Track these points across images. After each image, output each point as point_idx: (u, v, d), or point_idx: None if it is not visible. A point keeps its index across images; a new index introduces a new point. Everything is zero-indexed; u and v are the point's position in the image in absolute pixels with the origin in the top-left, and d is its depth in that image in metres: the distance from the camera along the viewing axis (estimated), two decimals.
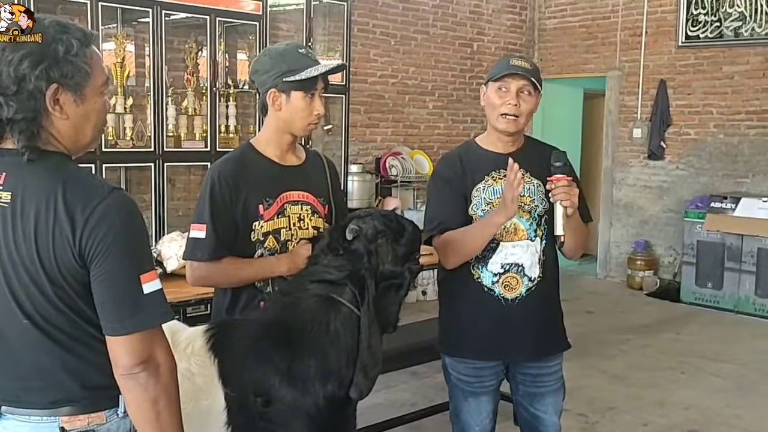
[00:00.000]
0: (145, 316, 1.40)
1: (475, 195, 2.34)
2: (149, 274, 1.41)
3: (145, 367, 1.40)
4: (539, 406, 2.47)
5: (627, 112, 7.70)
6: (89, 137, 1.50)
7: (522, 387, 2.49)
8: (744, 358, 5.26)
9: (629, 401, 4.36)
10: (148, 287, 1.40)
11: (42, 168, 1.41)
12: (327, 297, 1.89)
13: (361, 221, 1.95)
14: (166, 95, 4.96)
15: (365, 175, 6.43)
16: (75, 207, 1.37)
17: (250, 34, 5.51)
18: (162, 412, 1.42)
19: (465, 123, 7.69)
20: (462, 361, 2.43)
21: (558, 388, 2.48)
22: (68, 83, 1.41)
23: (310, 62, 2.12)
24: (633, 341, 5.54)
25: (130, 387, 1.41)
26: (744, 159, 6.97)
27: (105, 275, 1.38)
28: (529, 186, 2.33)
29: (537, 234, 2.35)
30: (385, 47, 6.89)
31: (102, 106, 1.50)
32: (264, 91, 2.14)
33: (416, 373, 4.57)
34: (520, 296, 2.33)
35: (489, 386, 2.45)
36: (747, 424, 4.07)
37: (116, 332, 1.39)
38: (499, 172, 2.33)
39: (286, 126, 2.16)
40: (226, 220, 2.09)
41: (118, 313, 1.39)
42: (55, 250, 1.37)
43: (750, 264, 6.40)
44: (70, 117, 1.43)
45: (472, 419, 2.45)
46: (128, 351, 1.39)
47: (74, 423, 1.45)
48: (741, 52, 6.90)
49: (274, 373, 1.82)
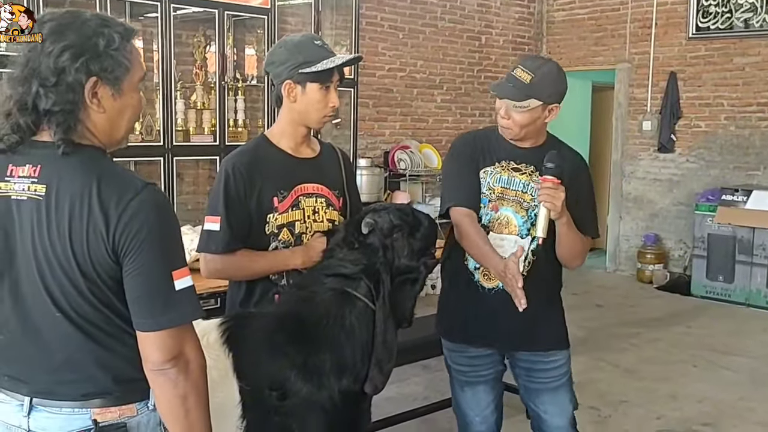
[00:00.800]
0: (176, 313, 1.40)
1: (482, 176, 2.34)
2: (181, 270, 1.41)
3: (176, 363, 1.39)
4: (539, 403, 2.44)
5: (636, 105, 7.65)
6: (123, 132, 1.50)
7: (520, 380, 2.50)
8: (756, 351, 5.23)
9: (641, 395, 4.34)
10: (180, 284, 1.39)
11: (77, 161, 1.40)
12: (342, 291, 1.88)
13: (377, 215, 1.94)
14: (175, 89, 4.96)
15: (374, 169, 6.41)
16: (109, 202, 1.36)
17: (259, 28, 5.50)
18: (191, 410, 1.42)
19: (473, 116, 7.66)
20: (456, 348, 2.44)
21: (557, 387, 2.41)
22: (107, 77, 1.41)
23: (326, 54, 2.11)
24: (644, 335, 5.52)
25: (160, 383, 1.41)
26: (755, 151, 6.92)
27: (137, 271, 1.38)
28: (532, 184, 2.31)
29: (529, 233, 2.31)
30: (393, 41, 6.87)
31: (138, 102, 1.50)
32: (279, 82, 2.12)
33: (428, 366, 4.55)
34: (497, 288, 2.30)
35: (485, 375, 2.43)
36: (760, 417, 4.05)
37: (147, 328, 1.39)
38: (510, 162, 2.34)
39: (300, 118, 2.15)
40: (241, 213, 2.08)
41: (149, 310, 1.39)
42: (89, 246, 1.37)
43: (762, 257, 6.36)
44: (107, 111, 1.43)
45: (471, 410, 2.45)
46: (159, 347, 1.39)
47: (106, 415, 1.45)
48: (752, 43, 6.85)
49: (290, 367, 1.81)
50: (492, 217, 2.32)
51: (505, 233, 2.31)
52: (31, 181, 1.40)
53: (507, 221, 2.31)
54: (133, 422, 1.47)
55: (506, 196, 2.32)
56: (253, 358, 1.83)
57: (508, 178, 2.32)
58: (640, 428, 3.89)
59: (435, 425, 3.87)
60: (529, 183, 2.31)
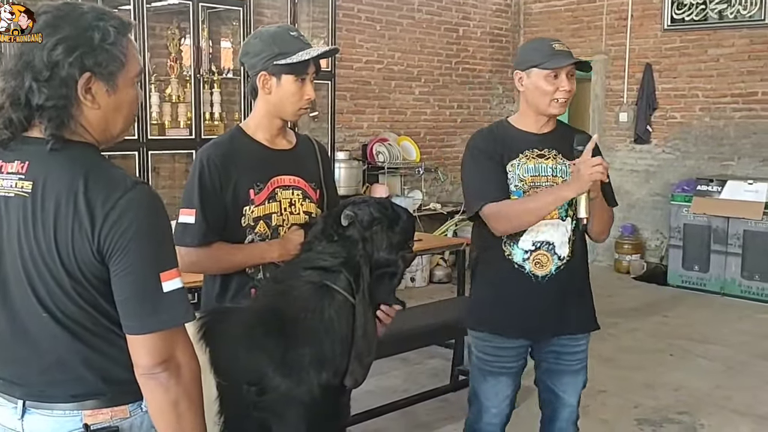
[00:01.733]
0: (165, 316, 1.36)
1: (510, 170, 2.39)
2: (170, 272, 1.37)
3: (166, 367, 1.36)
4: (558, 384, 2.52)
5: (613, 96, 7.70)
6: (119, 128, 1.47)
7: (545, 364, 2.53)
8: (731, 339, 5.30)
9: (619, 384, 4.38)
10: (168, 285, 1.35)
11: (65, 158, 1.36)
12: (321, 284, 1.86)
13: (357, 207, 1.92)
14: (149, 83, 4.90)
15: (352, 162, 6.39)
16: (96, 200, 1.33)
17: (234, 20, 5.45)
18: (183, 415, 1.38)
19: (452, 108, 7.66)
20: (485, 338, 2.47)
21: (579, 369, 2.52)
22: (102, 72, 1.38)
23: (302, 45, 2.08)
24: (621, 325, 5.56)
25: (150, 387, 1.37)
26: (730, 142, 7.00)
27: (124, 272, 1.34)
28: (560, 166, 2.41)
29: (567, 214, 2.40)
30: (371, 32, 6.84)
31: (134, 97, 1.47)
32: (254, 74, 2.09)
33: (407, 359, 4.57)
34: (550, 274, 2.38)
35: (510, 368, 2.48)
36: (736, 405, 4.10)
37: (136, 331, 1.35)
38: (533, 151, 2.40)
39: (276, 110, 2.12)
40: (216, 205, 2.05)
41: (137, 312, 1.35)
42: (74, 245, 1.33)
43: (736, 246, 6.44)
44: (102, 107, 1.40)
45: (489, 400, 2.49)
46: (148, 351, 1.35)
47: (97, 417, 1.42)
48: (726, 34, 6.91)
49: (268, 362, 1.79)
50: None
51: (546, 219, 2.35)
52: (18, 177, 1.36)
53: None
54: (125, 424, 1.44)
55: (538, 183, 2.38)
56: (231, 353, 1.80)
57: (535, 165, 2.39)
58: (617, 417, 3.93)
59: (415, 417, 3.87)
60: (557, 166, 2.40)
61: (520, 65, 2.42)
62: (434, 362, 4.66)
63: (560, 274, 2.38)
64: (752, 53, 6.80)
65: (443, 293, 6.15)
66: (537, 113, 2.41)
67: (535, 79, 2.35)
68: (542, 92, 2.34)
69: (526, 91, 2.39)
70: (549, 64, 2.32)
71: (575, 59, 2.36)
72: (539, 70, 2.34)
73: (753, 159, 6.87)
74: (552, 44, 2.36)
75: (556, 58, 2.32)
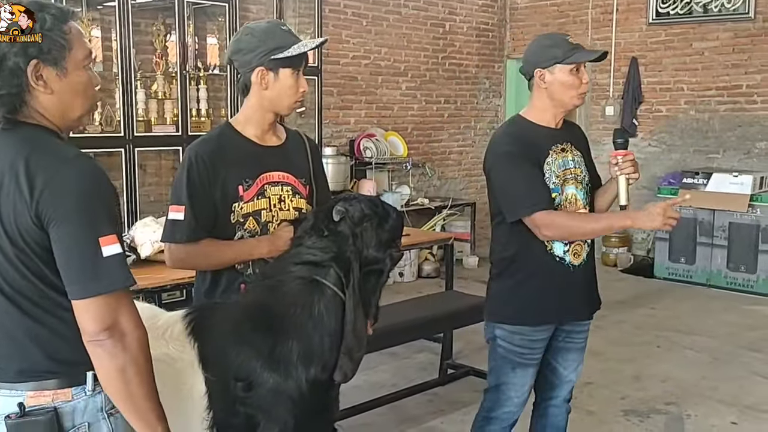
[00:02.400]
0: (106, 280, 1.40)
1: (546, 169, 2.45)
2: (109, 237, 1.41)
3: (111, 334, 1.40)
4: (561, 359, 2.62)
5: (599, 90, 7.73)
6: (79, 111, 1.53)
7: (553, 342, 2.60)
8: (717, 330, 5.35)
9: (607, 376, 4.41)
10: (107, 250, 1.40)
11: (15, 137, 1.44)
12: (311, 279, 1.86)
13: (348, 203, 1.93)
14: (135, 79, 4.88)
15: (340, 157, 6.39)
16: (36, 170, 1.39)
17: (220, 16, 5.43)
18: (131, 381, 1.43)
19: (438, 103, 7.67)
20: (519, 331, 2.51)
21: (583, 347, 2.66)
22: (47, 58, 1.44)
23: (294, 39, 2.09)
24: (609, 317, 5.59)
25: (97, 355, 1.41)
26: (715, 135, 7.05)
27: (62, 237, 1.39)
28: (577, 158, 2.53)
29: (587, 202, 2.54)
30: (357, 28, 6.83)
31: (87, 80, 1.52)
32: (249, 70, 2.08)
33: (395, 354, 4.57)
34: (583, 262, 2.52)
35: (537, 358, 2.57)
36: (722, 395, 4.14)
37: (78, 295, 1.40)
38: (557, 146, 2.49)
39: (271, 105, 2.12)
40: (205, 202, 2.05)
41: (77, 276, 1.39)
42: (16, 213, 1.39)
43: (722, 238, 6.49)
44: (55, 91, 1.46)
45: (514, 391, 2.56)
46: (92, 316, 1.39)
47: (38, 399, 1.45)
48: (711, 28, 6.96)
49: (256, 357, 1.79)
50: (561, 199, 2.47)
51: (575, 207, 2.49)
52: None
53: (574, 199, 2.50)
54: (67, 407, 1.47)
55: (567, 177, 2.49)
56: (219, 348, 1.81)
57: (562, 160, 2.49)
58: (604, 409, 3.95)
59: (403, 412, 3.88)
60: (575, 158, 2.51)
61: (541, 63, 2.43)
62: (423, 356, 4.67)
63: (589, 260, 2.55)
64: (736, 46, 6.85)
65: (432, 288, 6.17)
66: (559, 108, 2.48)
67: (559, 74, 2.41)
68: (568, 86, 2.42)
69: (549, 87, 2.44)
70: (575, 58, 2.39)
71: (599, 51, 2.51)
72: (563, 65, 2.40)
73: (738, 151, 6.93)
74: (567, 39, 2.44)
75: (578, 52, 2.41)
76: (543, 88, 2.44)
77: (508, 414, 2.58)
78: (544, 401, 2.70)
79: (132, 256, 3.25)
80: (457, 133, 7.87)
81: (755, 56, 6.75)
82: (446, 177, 7.82)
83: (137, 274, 1.52)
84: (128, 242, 3.31)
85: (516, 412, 2.60)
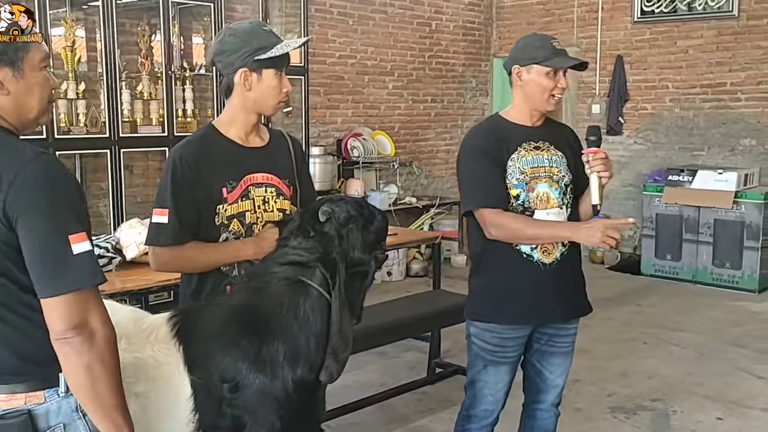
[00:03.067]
0: (74, 277, 1.39)
1: (510, 165, 2.47)
2: (78, 235, 1.41)
3: (79, 332, 1.40)
4: (547, 364, 2.61)
5: (585, 89, 7.76)
6: (35, 111, 1.53)
7: (536, 345, 2.60)
8: (703, 327, 5.39)
9: (593, 373, 4.43)
10: (77, 248, 1.40)
11: None
12: (296, 280, 1.86)
13: (334, 204, 1.94)
14: (120, 80, 4.85)
15: (327, 157, 6.38)
16: (0, 171, 1.39)
17: (205, 15, 5.40)
18: (98, 380, 1.42)
19: (425, 102, 7.68)
20: (491, 329, 2.52)
21: (569, 351, 2.62)
22: (3, 59, 1.45)
23: (276, 39, 2.09)
24: (596, 314, 5.52)
25: (64, 353, 1.41)
26: (699, 132, 7.10)
27: (30, 235, 1.39)
28: (555, 157, 2.52)
29: (564, 202, 2.50)
30: (343, 27, 6.83)
31: (43, 80, 1.52)
32: (232, 71, 2.07)
33: (383, 353, 4.58)
34: (556, 260, 2.47)
35: (511, 357, 2.56)
36: (708, 391, 4.17)
37: (46, 294, 1.39)
38: (530, 143, 2.49)
39: (255, 106, 2.12)
40: (189, 204, 2.04)
41: (45, 273, 1.39)
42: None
43: (707, 235, 6.54)
44: (12, 92, 1.48)
45: (488, 388, 2.56)
46: (60, 315, 1.39)
47: (11, 402, 1.46)
48: (695, 26, 7.00)
49: (242, 358, 1.79)
50: (531, 197, 2.46)
51: (548, 208, 2.47)
52: None
53: (546, 197, 2.47)
54: (40, 410, 1.47)
55: (538, 174, 2.47)
56: (205, 350, 1.80)
57: (533, 157, 2.48)
58: (591, 406, 3.98)
59: (392, 411, 3.89)
60: (552, 157, 2.50)
61: (520, 60, 2.47)
62: (411, 355, 4.68)
63: (564, 259, 2.49)
64: (720, 44, 6.90)
65: (420, 287, 6.17)
66: (532, 108, 2.49)
67: (535, 75, 2.43)
68: (542, 88, 2.44)
69: (524, 85, 2.47)
70: (552, 63, 2.41)
71: (577, 60, 2.48)
72: (540, 67, 2.42)
73: (722, 149, 6.98)
74: (552, 42, 2.45)
75: (558, 58, 2.42)
76: (519, 85, 2.49)
77: (485, 412, 2.58)
78: (532, 404, 2.70)
79: (118, 258, 3.24)
80: (444, 131, 7.88)
81: (739, 54, 6.80)
82: (433, 176, 7.84)
83: (123, 276, 1.53)
84: (114, 244, 3.30)
85: (493, 410, 2.59)
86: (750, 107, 6.81)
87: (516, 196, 2.45)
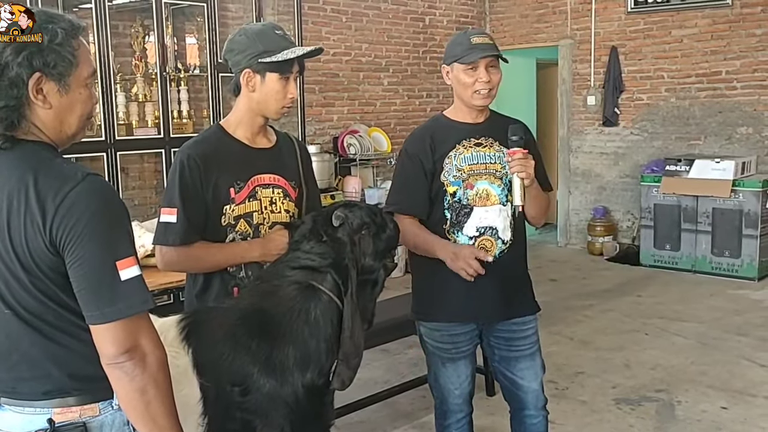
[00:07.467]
0: (124, 304, 1.36)
1: (447, 163, 2.44)
2: (127, 260, 1.37)
3: (131, 356, 1.37)
4: (515, 371, 2.56)
5: (580, 80, 7.76)
6: (74, 128, 1.48)
7: (497, 351, 2.57)
8: (704, 316, 5.40)
9: (597, 365, 4.43)
10: (125, 274, 1.36)
11: (15, 156, 1.39)
12: (307, 285, 1.85)
13: (348, 210, 1.93)
14: (115, 82, 4.82)
15: (323, 155, 6.36)
16: (47, 194, 1.35)
17: (198, 15, 5.38)
18: (152, 402, 1.40)
19: (421, 98, 7.66)
20: (437, 328, 2.50)
21: (533, 353, 2.56)
22: (51, 72, 1.40)
23: (286, 44, 2.08)
24: (597, 306, 5.63)
25: (117, 377, 1.38)
26: (696, 121, 7.10)
27: (79, 262, 1.35)
28: (498, 154, 2.46)
29: (508, 199, 2.45)
30: (337, 24, 6.80)
31: (87, 98, 1.48)
32: (238, 71, 2.09)
33: (387, 350, 4.57)
34: (495, 258, 2.41)
35: (465, 351, 2.53)
36: (712, 380, 4.18)
37: (97, 321, 1.36)
38: (470, 140, 2.46)
39: (258, 108, 2.12)
40: (197, 204, 2.04)
41: (96, 301, 1.36)
42: (27, 239, 1.35)
43: (705, 224, 6.54)
44: (54, 107, 1.43)
45: (451, 383, 2.54)
46: (111, 340, 1.36)
47: (66, 415, 1.44)
48: (689, 15, 7.00)
49: (252, 362, 1.77)
50: (470, 194, 2.42)
51: (488, 205, 2.43)
52: None
53: (486, 194, 2.44)
54: (95, 422, 1.46)
55: (477, 171, 2.43)
56: (214, 353, 1.79)
57: (473, 154, 2.44)
58: (596, 398, 3.98)
59: (397, 408, 3.89)
60: (495, 153, 2.45)
61: (445, 60, 2.48)
62: (414, 352, 4.66)
63: (504, 257, 2.45)
64: (715, 33, 6.90)
65: None
66: (464, 105, 2.48)
67: (457, 72, 2.42)
68: (464, 85, 2.41)
69: (452, 83, 2.46)
70: (466, 59, 2.38)
71: (488, 53, 2.37)
72: (459, 64, 2.40)
73: (719, 137, 6.98)
74: (471, 37, 2.40)
75: (472, 52, 2.37)
76: (449, 84, 2.49)
77: (456, 406, 2.56)
78: (517, 411, 2.63)
79: None
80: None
81: (734, 42, 6.80)
82: None
83: None
84: None
85: (462, 403, 2.57)
86: (746, 95, 6.81)
87: (453, 194, 2.42)
